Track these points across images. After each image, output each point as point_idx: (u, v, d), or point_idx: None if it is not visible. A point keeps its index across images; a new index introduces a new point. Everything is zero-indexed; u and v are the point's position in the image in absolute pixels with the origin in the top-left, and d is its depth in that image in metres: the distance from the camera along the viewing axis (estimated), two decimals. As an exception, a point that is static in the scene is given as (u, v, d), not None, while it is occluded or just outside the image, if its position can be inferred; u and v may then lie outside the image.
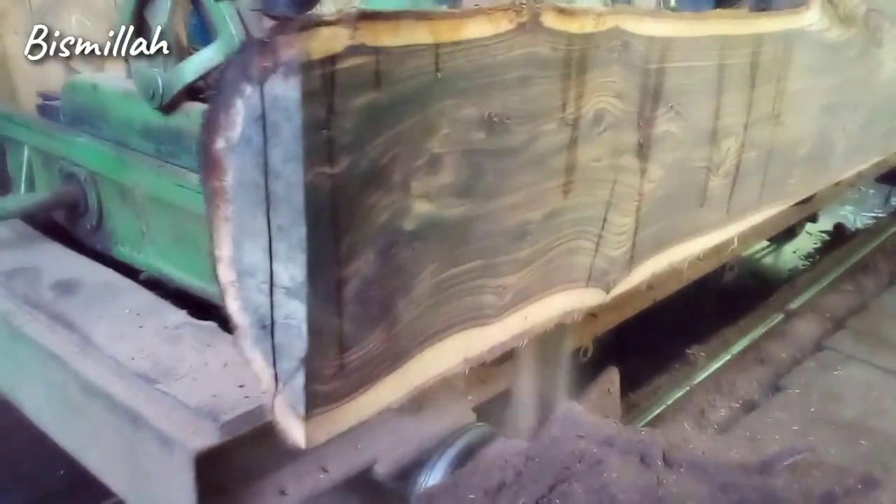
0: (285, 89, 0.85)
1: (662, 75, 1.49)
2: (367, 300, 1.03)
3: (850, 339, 3.11)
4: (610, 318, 2.16)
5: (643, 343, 2.80)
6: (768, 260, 4.30)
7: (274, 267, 0.94)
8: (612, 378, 2.06)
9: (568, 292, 1.48)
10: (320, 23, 0.85)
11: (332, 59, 0.87)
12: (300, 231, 0.90)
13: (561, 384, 1.88)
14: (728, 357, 2.98)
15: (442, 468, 1.51)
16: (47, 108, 2.20)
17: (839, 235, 4.58)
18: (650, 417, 2.54)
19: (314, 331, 0.96)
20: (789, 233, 3.73)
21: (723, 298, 3.18)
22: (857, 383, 2.77)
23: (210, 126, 0.91)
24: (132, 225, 1.89)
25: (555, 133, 1.27)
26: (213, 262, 0.97)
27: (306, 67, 0.84)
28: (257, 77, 0.86)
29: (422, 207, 1.07)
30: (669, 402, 2.65)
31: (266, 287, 0.95)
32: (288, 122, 0.86)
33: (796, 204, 2.48)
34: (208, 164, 0.92)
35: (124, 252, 1.95)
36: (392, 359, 1.12)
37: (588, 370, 2.07)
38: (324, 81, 0.86)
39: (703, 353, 3.02)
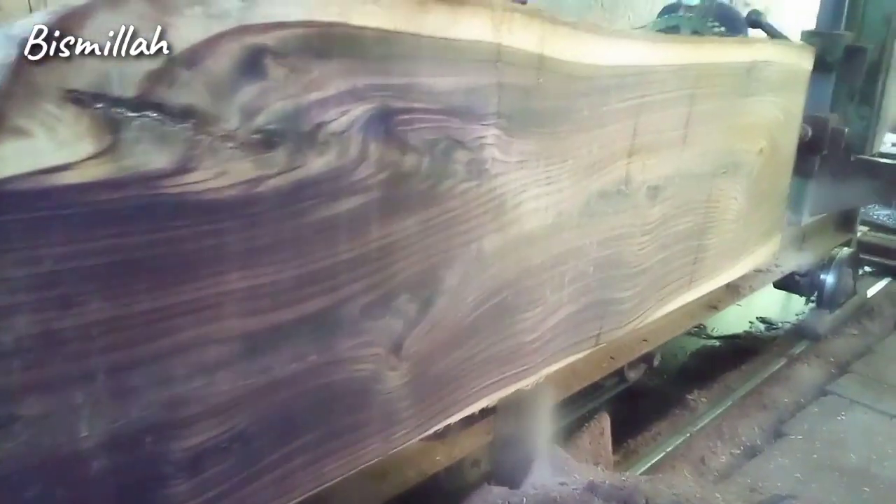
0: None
1: None
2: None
3: (854, 383, 3.07)
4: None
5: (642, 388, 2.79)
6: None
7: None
8: (602, 423, 2.06)
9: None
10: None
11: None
12: None
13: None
14: (730, 402, 2.96)
15: None
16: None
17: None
18: (649, 465, 2.52)
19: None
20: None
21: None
22: (860, 429, 2.74)
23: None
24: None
25: None
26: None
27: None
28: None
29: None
30: (669, 448, 2.63)
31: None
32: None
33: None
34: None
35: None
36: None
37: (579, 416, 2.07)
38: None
39: (704, 399, 3.01)
